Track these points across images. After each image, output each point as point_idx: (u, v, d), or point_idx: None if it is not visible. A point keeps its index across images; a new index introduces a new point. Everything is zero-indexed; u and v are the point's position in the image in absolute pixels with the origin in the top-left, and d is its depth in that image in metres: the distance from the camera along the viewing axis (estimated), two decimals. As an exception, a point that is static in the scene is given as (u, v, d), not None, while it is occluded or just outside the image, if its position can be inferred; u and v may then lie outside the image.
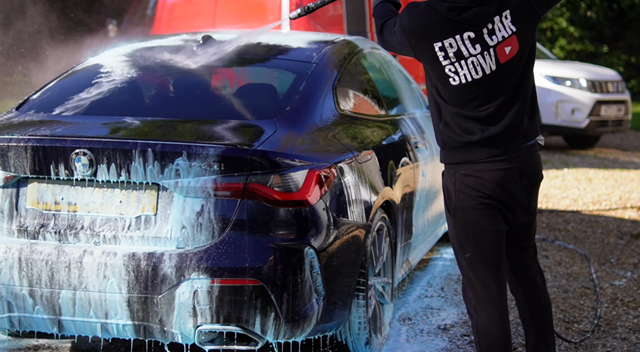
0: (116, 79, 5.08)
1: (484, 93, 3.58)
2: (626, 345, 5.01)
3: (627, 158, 13.52)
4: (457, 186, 3.68)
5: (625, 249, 7.39)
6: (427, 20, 3.60)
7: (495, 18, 3.57)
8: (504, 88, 3.59)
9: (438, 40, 3.57)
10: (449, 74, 3.58)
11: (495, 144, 3.61)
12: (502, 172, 3.63)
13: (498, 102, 3.59)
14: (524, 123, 3.64)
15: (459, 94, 3.59)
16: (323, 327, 4.14)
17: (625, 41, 24.44)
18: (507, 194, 3.66)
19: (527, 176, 3.69)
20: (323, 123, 4.51)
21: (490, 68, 3.57)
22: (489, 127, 3.60)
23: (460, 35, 3.56)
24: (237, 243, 3.92)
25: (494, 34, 3.57)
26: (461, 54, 3.56)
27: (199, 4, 9.35)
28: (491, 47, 3.56)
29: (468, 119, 3.61)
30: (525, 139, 3.66)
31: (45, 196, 4.10)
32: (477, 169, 3.64)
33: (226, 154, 3.95)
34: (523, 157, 3.65)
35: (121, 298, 3.93)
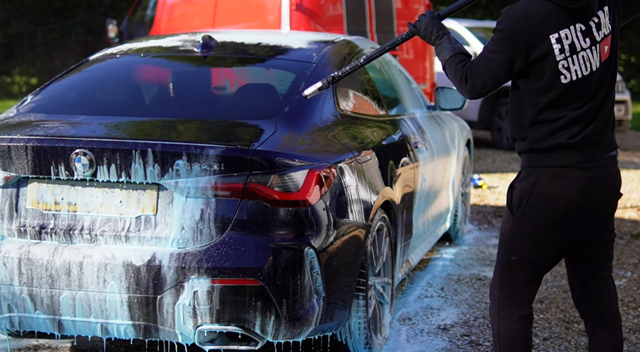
0: (116, 79, 5.08)
1: (585, 92, 3.44)
2: (626, 345, 5.01)
3: (627, 158, 13.51)
4: (536, 189, 3.46)
5: (625, 249, 7.39)
6: (540, 10, 3.42)
7: (599, 12, 3.45)
8: (600, 89, 3.47)
9: (555, 31, 3.39)
10: (561, 71, 3.41)
11: (585, 149, 3.45)
12: (587, 181, 3.46)
13: (593, 104, 3.45)
14: (609, 130, 3.52)
15: (566, 93, 3.43)
16: (323, 328, 4.14)
17: (625, 41, 24.44)
18: (586, 205, 3.47)
19: (609, 188, 3.52)
20: (323, 123, 4.51)
21: (596, 65, 3.44)
22: (581, 130, 3.44)
23: (574, 26, 3.41)
24: (237, 243, 3.92)
25: (600, 29, 3.45)
26: (574, 47, 3.41)
27: (199, 4, 9.35)
28: (598, 43, 3.44)
29: (563, 120, 3.43)
30: (610, 148, 3.52)
31: (45, 196, 4.10)
32: (562, 174, 3.45)
33: (226, 154, 3.96)
34: (608, 168, 3.50)
35: (121, 298, 3.93)
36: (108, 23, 12.24)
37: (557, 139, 3.44)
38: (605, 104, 3.49)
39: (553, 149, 3.45)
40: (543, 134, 3.45)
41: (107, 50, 5.33)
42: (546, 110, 3.44)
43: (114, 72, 5.13)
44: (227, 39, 5.29)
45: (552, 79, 3.42)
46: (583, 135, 3.43)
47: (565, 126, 3.43)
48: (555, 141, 3.44)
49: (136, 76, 5.21)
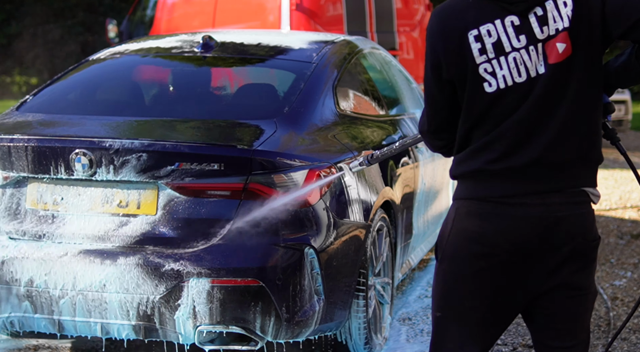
0: (116, 79, 5.08)
1: (518, 105, 2.67)
2: (626, 345, 5.01)
3: (627, 158, 13.51)
4: (455, 227, 2.76)
5: (625, 249, 7.39)
6: (459, 5, 2.73)
7: (547, 2, 2.66)
8: (549, 101, 2.66)
9: (474, 27, 2.67)
10: (483, 77, 2.66)
11: (519, 178, 2.67)
12: (517, 220, 2.68)
13: (530, 121, 2.66)
14: (569, 159, 2.68)
15: (493, 105, 2.68)
16: (323, 328, 4.14)
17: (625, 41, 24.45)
18: (521, 252, 2.69)
19: (562, 233, 2.68)
20: (323, 123, 4.51)
21: (536, 70, 2.65)
22: (507, 152, 2.67)
23: (501, 20, 2.66)
24: (237, 243, 3.92)
25: (546, 24, 2.66)
26: (501, 47, 2.65)
27: (199, 4, 9.35)
28: (540, 42, 2.66)
29: (485, 139, 2.70)
30: (566, 184, 2.68)
31: (44, 196, 4.10)
32: (484, 208, 2.70)
33: (226, 154, 3.95)
34: (557, 206, 2.67)
35: (121, 298, 3.93)
36: (108, 23, 12.24)
37: (475, 162, 2.70)
38: (565, 124, 2.66)
39: (470, 176, 2.72)
40: (463, 157, 2.74)
41: (107, 50, 5.33)
42: (473, 128, 2.72)
43: (114, 72, 5.13)
44: (227, 39, 5.29)
45: (475, 88, 2.68)
46: (507, 161, 2.66)
47: (484, 147, 2.69)
48: (473, 166, 2.70)
49: (136, 76, 5.21)
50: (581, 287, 2.76)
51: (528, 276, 2.72)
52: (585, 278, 2.76)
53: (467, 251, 2.72)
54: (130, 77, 5.16)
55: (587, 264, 2.75)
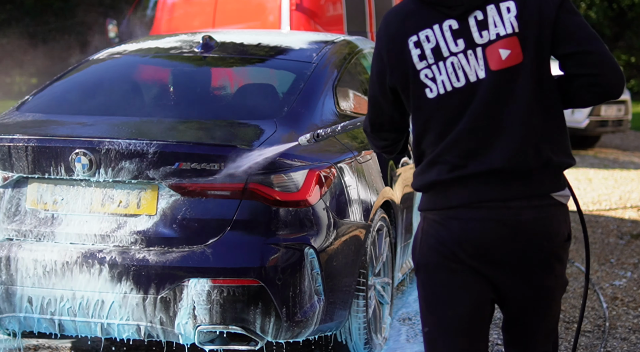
0: (116, 79, 5.08)
1: (459, 112, 2.64)
2: (626, 345, 5.01)
3: (627, 158, 13.51)
4: (423, 237, 2.75)
5: (625, 249, 7.39)
6: (402, 10, 2.72)
7: (488, 6, 2.63)
8: (495, 109, 2.62)
9: (413, 33, 2.65)
10: (424, 82, 2.65)
11: (472, 186, 2.65)
12: (477, 224, 2.65)
13: (484, 128, 2.63)
14: (525, 166, 2.64)
15: (435, 111, 2.66)
16: (323, 328, 4.14)
17: (625, 41, 24.43)
18: (484, 257, 2.67)
19: (525, 237, 2.66)
20: (323, 123, 4.51)
21: (476, 75, 2.62)
22: (465, 165, 2.65)
23: (439, 25, 2.64)
24: (237, 243, 3.92)
25: (486, 28, 2.62)
26: (440, 52, 2.64)
27: (199, 4, 9.35)
28: (479, 46, 2.62)
29: (434, 150, 2.69)
30: (526, 190, 2.65)
31: (45, 196, 4.10)
32: (445, 215, 2.69)
33: (226, 154, 3.95)
34: (518, 210, 2.64)
35: (121, 298, 3.93)
36: (108, 23, 12.24)
37: (429, 175, 2.70)
38: (515, 129, 2.61)
39: (428, 188, 2.73)
40: (419, 170, 2.75)
41: (107, 50, 5.33)
42: (422, 137, 2.72)
43: (114, 72, 5.13)
44: (227, 39, 5.29)
45: (418, 95, 2.67)
46: (460, 172, 2.64)
47: (435, 160, 2.68)
48: (427, 179, 2.71)
49: (136, 76, 5.21)
50: (548, 286, 2.75)
51: (497, 278, 2.71)
52: (554, 278, 2.75)
53: (436, 259, 2.72)
54: (130, 77, 5.15)
55: (556, 264, 2.74)
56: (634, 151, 14.57)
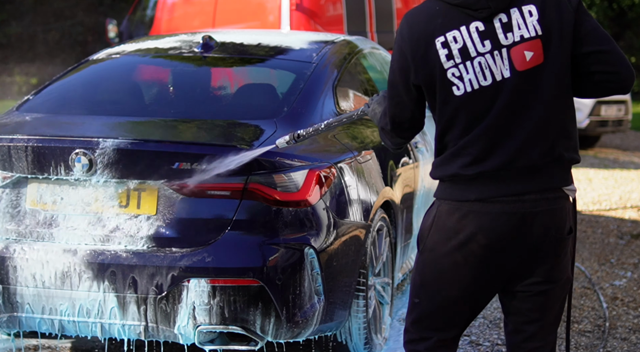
0: (116, 79, 5.08)
1: (484, 110, 2.81)
2: (626, 345, 5.01)
3: (627, 158, 13.52)
4: (436, 223, 2.93)
5: (625, 249, 7.39)
6: (427, 11, 2.86)
7: (512, 9, 2.80)
8: (518, 107, 2.80)
9: (440, 34, 2.81)
10: (452, 80, 2.81)
11: (492, 181, 2.83)
12: (493, 217, 2.84)
13: (497, 126, 2.81)
14: (542, 163, 2.82)
15: (462, 108, 2.82)
16: (323, 328, 4.14)
17: (625, 41, 24.44)
18: (498, 248, 2.86)
19: (537, 227, 2.85)
20: (323, 123, 4.50)
21: (501, 74, 2.79)
22: (479, 158, 2.82)
23: (466, 27, 2.80)
24: (237, 243, 3.92)
25: (511, 30, 2.80)
26: (467, 52, 2.80)
27: (199, 4, 9.35)
28: (504, 47, 2.80)
29: (458, 144, 2.85)
30: (541, 185, 2.83)
31: (44, 196, 4.10)
32: (460, 208, 2.87)
33: (226, 154, 3.95)
34: (532, 202, 2.83)
35: (121, 298, 3.93)
36: (108, 23, 12.24)
37: (450, 167, 2.86)
38: (534, 128, 2.80)
39: (448, 179, 2.89)
40: (440, 161, 2.90)
41: (107, 50, 5.33)
42: (447, 131, 2.87)
43: (114, 72, 5.13)
44: (227, 39, 5.29)
45: (445, 92, 2.83)
46: (481, 166, 2.81)
47: (459, 152, 2.84)
48: (449, 170, 2.86)
49: (136, 76, 5.21)
50: (555, 279, 2.94)
51: (504, 268, 2.90)
52: (560, 270, 2.94)
53: (446, 245, 2.90)
54: (130, 77, 5.15)
55: (563, 256, 2.93)
56: (634, 151, 14.57)
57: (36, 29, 21.67)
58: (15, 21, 21.61)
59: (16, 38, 21.57)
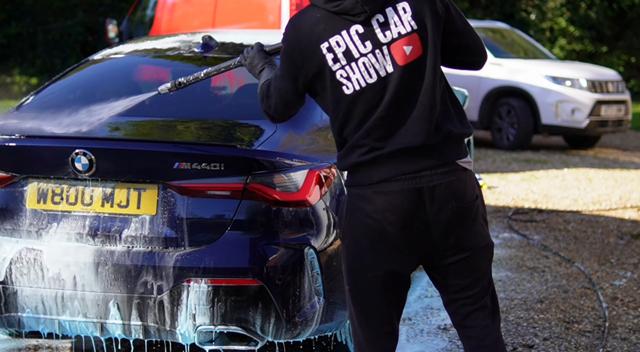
0: (116, 79, 5.08)
1: (375, 104, 3.03)
2: (626, 345, 5.01)
3: (627, 158, 13.52)
4: (349, 208, 3.13)
5: (625, 249, 7.39)
6: (310, 18, 3.08)
7: (387, 9, 3.03)
8: (405, 97, 3.03)
9: (324, 40, 3.03)
10: (341, 81, 3.03)
11: (390, 163, 3.05)
12: (396, 195, 3.04)
13: (396, 115, 3.03)
14: (432, 141, 3.05)
15: (353, 104, 3.04)
16: (323, 328, 4.14)
17: (625, 41, 24.45)
18: (407, 223, 3.06)
19: (437, 200, 3.06)
20: (323, 123, 4.51)
21: (385, 70, 3.02)
22: (374, 146, 3.04)
23: (347, 30, 3.02)
24: (237, 243, 3.92)
25: (388, 29, 3.02)
26: (350, 54, 3.02)
27: (199, 4, 9.35)
28: (384, 45, 3.02)
29: (355, 136, 3.07)
30: (435, 160, 3.06)
31: (45, 196, 4.10)
32: (365, 192, 3.08)
33: (226, 154, 3.96)
34: (429, 177, 3.05)
35: (121, 298, 3.93)
36: (108, 23, 12.24)
37: (351, 158, 3.09)
38: (423, 113, 3.04)
39: (351, 168, 3.11)
40: (342, 154, 3.13)
41: (107, 50, 5.33)
42: (343, 126, 3.09)
43: (114, 72, 5.13)
44: (227, 39, 5.29)
45: (336, 92, 3.06)
46: (377, 153, 3.04)
47: (356, 144, 3.07)
48: (350, 161, 3.09)
49: (136, 76, 5.21)
50: (470, 246, 3.14)
51: (417, 242, 3.10)
52: (473, 237, 3.14)
53: (361, 227, 3.09)
54: (130, 77, 5.15)
55: (471, 223, 3.12)
56: (634, 151, 14.58)
57: (36, 29, 21.67)
58: (15, 21, 21.61)
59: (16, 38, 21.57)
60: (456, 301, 3.22)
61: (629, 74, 24.36)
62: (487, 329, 3.20)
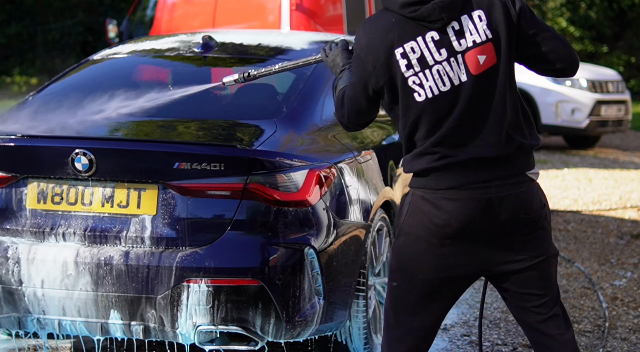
0: (116, 79, 5.08)
1: (447, 112, 3.02)
2: (626, 345, 5.01)
3: (627, 158, 13.51)
4: (411, 209, 3.10)
5: (625, 249, 7.39)
6: (384, 23, 3.05)
7: (463, 16, 3.01)
8: (477, 106, 3.02)
9: (399, 45, 3.00)
10: (413, 88, 3.01)
11: (461, 171, 3.04)
12: (464, 203, 3.03)
13: (461, 124, 3.01)
14: (504, 152, 3.04)
15: (424, 111, 3.02)
16: (323, 328, 4.14)
17: (625, 41, 24.43)
18: (472, 231, 3.04)
19: (505, 210, 3.04)
20: (323, 123, 4.51)
21: (459, 79, 3.00)
22: (446, 154, 3.03)
23: (422, 37, 3.01)
24: (237, 243, 3.92)
25: (463, 37, 3.01)
26: (425, 61, 3.00)
27: (199, 4, 9.35)
28: (459, 53, 3.00)
29: (426, 142, 3.05)
30: (505, 171, 3.05)
31: (45, 196, 4.10)
32: (434, 195, 3.06)
33: (226, 154, 3.95)
34: (499, 188, 3.04)
35: (121, 298, 3.93)
36: (108, 23, 12.24)
37: (420, 163, 3.07)
38: (494, 123, 3.02)
39: (419, 173, 3.10)
40: (410, 158, 3.11)
41: (107, 50, 5.33)
42: (413, 133, 3.07)
43: (114, 72, 5.13)
44: (227, 39, 5.29)
45: (407, 98, 3.03)
46: (449, 160, 3.02)
47: (426, 151, 3.05)
48: (419, 166, 3.07)
49: (136, 76, 5.21)
50: (538, 254, 3.10)
51: (478, 251, 3.07)
52: (540, 245, 3.11)
53: (421, 229, 3.07)
54: (130, 77, 5.15)
55: (537, 233, 3.10)
56: (634, 151, 14.57)
57: (36, 29, 21.66)
58: (15, 21, 21.61)
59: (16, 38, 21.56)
60: (527, 311, 3.15)
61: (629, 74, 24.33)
62: (562, 337, 3.14)
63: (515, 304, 3.17)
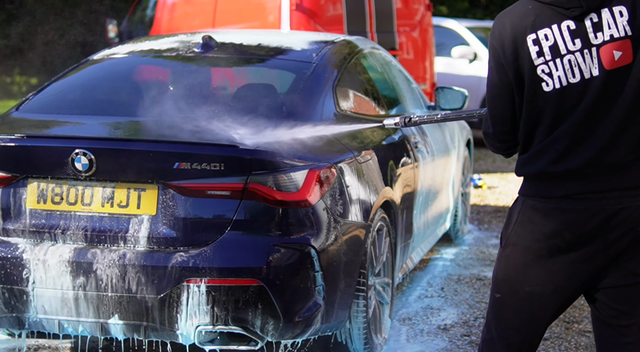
0: (116, 79, 5.08)
1: (574, 106, 2.85)
2: (626, 345, 5.00)
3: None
4: (520, 219, 2.97)
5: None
6: (520, 10, 2.92)
7: (603, 9, 2.84)
8: (604, 105, 2.84)
9: (532, 31, 2.86)
10: (541, 77, 2.86)
11: (578, 178, 2.87)
12: (579, 213, 2.87)
13: (592, 123, 2.84)
14: (626, 161, 2.86)
15: (550, 103, 2.86)
16: (323, 328, 4.14)
17: (625, 41, 24.41)
18: (584, 244, 2.89)
19: (621, 224, 2.87)
20: (323, 123, 4.51)
21: (590, 72, 2.83)
22: (572, 155, 2.86)
23: (558, 25, 2.85)
24: (237, 243, 3.92)
25: (601, 30, 2.84)
26: (557, 50, 2.84)
27: (199, 4, 9.35)
28: (594, 46, 2.83)
29: (547, 139, 2.89)
30: (625, 182, 2.86)
31: (45, 196, 4.10)
32: (547, 204, 2.91)
33: (226, 154, 3.96)
34: (617, 199, 2.86)
35: (121, 298, 3.93)
36: (108, 23, 12.25)
37: (537, 164, 2.91)
38: (615, 125, 2.84)
39: (534, 176, 2.94)
40: (526, 158, 2.96)
41: (107, 50, 5.33)
42: (534, 128, 2.93)
43: (114, 72, 5.13)
44: (227, 39, 5.29)
45: (534, 88, 2.89)
46: (567, 163, 2.87)
47: (545, 148, 2.90)
48: (536, 167, 2.92)
49: (136, 76, 5.21)
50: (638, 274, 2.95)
51: (589, 264, 2.92)
52: None
53: (531, 240, 2.94)
54: (130, 77, 5.16)
55: None
56: (634, 151, 14.56)
57: (36, 29, 21.67)
58: (15, 21, 21.62)
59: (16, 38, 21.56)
60: (610, 327, 3.04)
61: (629, 74, 24.30)
62: None
63: (601, 319, 3.05)
